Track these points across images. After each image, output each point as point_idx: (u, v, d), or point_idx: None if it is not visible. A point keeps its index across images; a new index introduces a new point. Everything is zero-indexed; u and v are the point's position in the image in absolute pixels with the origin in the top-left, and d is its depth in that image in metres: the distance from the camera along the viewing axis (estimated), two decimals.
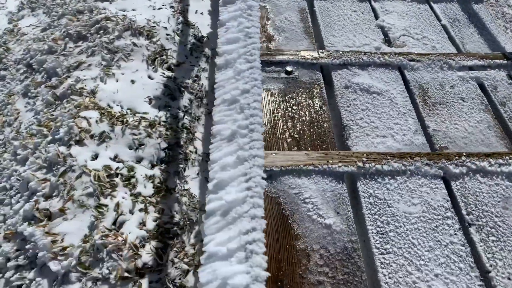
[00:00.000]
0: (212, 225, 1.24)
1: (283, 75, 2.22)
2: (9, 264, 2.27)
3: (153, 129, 2.99)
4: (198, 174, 3.01)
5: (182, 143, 3.10)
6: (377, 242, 1.65)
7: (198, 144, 3.21)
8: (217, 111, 1.46)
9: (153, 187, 2.70)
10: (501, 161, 1.95)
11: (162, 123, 3.08)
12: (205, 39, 3.99)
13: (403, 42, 2.58)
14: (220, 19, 1.86)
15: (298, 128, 2.02)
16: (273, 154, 1.83)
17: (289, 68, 2.22)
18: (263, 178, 1.32)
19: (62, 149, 2.65)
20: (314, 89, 2.19)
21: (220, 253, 1.20)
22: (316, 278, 1.53)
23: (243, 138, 1.38)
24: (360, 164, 1.85)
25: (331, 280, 1.53)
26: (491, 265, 1.64)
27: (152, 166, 2.85)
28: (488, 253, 1.68)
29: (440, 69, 2.40)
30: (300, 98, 2.14)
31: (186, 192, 2.82)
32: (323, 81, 2.24)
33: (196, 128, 3.32)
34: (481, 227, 1.75)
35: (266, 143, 1.90)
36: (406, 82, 2.32)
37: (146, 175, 2.72)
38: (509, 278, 1.62)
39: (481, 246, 1.70)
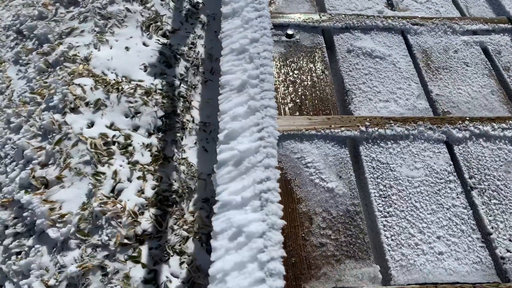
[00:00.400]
0: (225, 175, 1.21)
1: (283, 38, 2.16)
2: (7, 231, 2.25)
3: (149, 97, 2.93)
4: (195, 143, 2.97)
5: (178, 111, 3.05)
6: (380, 205, 1.65)
7: (195, 113, 3.16)
8: (225, 61, 1.39)
9: (151, 155, 2.67)
10: (504, 125, 1.93)
11: (158, 91, 3.02)
12: (201, 5, 3.86)
13: (406, 5, 2.51)
14: None
15: (299, 93, 1.97)
16: None
17: (290, 32, 2.15)
18: (276, 129, 1.28)
19: (57, 116, 2.60)
20: (315, 53, 2.14)
21: (234, 202, 1.16)
22: (319, 240, 1.52)
23: (254, 88, 1.32)
24: (363, 128, 1.82)
25: (334, 242, 1.53)
26: (492, 227, 1.65)
27: (149, 135, 2.81)
28: (490, 216, 1.68)
29: (443, 34, 2.34)
30: (301, 62, 2.09)
31: (184, 161, 2.80)
32: (324, 45, 2.18)
33: (193, 97, 3.25)
34: (483, 191, 1.75)
35: None
36: (409, 46, 2.27)
37: (143, 143, 2.69)
38: (510, 240, 1.62)
39: (483, 209, 1.70)
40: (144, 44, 3.25)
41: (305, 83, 2.01)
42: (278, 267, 1.04)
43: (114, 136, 2.61)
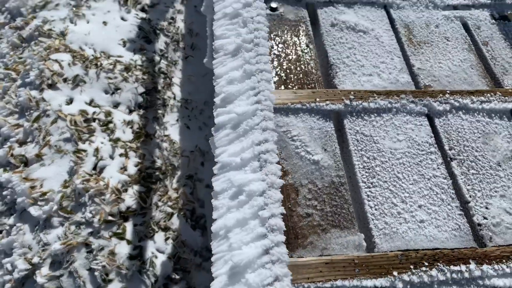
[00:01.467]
0: (223, 137, 1.21)
1: (268, 12, 2.13)
2: None
3: (129, 73, 2.87)
4: (177, 120, 2.95)
5: (159, 88, 3.00)
6: (364, 176, 1.68)
7: (176, 89, 3.12)
8: (218, 25, 1.37)
9: (132, 133, 2.63)
10: (482, 98, 1.98)
11: (138, 67, 2.96)
12: None
13: None
14: None
15: (284, 67, 1.97)
16: None
17: (273, 5, 2.13)
18: (272, 92, 1.28)
19: (34, 93, 2.52)
20: (299, 27, 2.12)
21: (234, 163, 1.17)
22: (305, 210, 1.55)
23: (249, 52, 1.32)
24: (347, 101, 1.84)
25: (320, 212, 1.56)
26: (470, 196, 1.71)
27: (130, 111, 2.76)
28: (468, 185, 1.74)
29: (425, 8, 2.36)
30: (286, 36, 2.07)
31: (166, 138, 2.77)
32: (308, 19, 2.16)
33: (174, 73, 3.20)
34: (462, 161, 1.80)
35: None
36: (391, 20, 2.28)
37: (124, 120, 2.64)
38: (486, 207, 1.69)
39: (461, 179, 1.75)
40: (122, 18, 3.16)
41: (290, 57, 2.01)
42: (279, 223, 1.07)
43: (94, 113, 2.56)
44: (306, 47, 2.05)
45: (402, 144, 1.80)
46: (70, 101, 2.60)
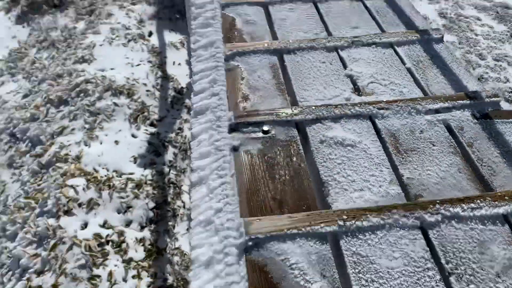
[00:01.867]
0: None
1: (260, 134, 2.31)
2: None
3: (140, 190, 3.05)
4: (187, 229, 3.07)
5: (169, 199, 3.17)
6: None
7: (185, 197, 3.27)
8: (194, 233, 1.56)
9: (144, 250, 2.75)
10: (473, 205, 2.04)
11: (148, 182, 3.15)
12: (185, 90, 4.09)
13: (371, 89, 2.70)
14: (192, 132, 2.02)
15: (279, 189, 2.10)
16: (257, 220, 1.90)
17: (265, 128, 2.31)
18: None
19: (51, 221, 2.69)
20: (291, 147, 2.28)
21: None
22: None
23: (219, 264, 1.48)
24: (341, 222, 1.93)
25: None
26: None
27: (142, 228, 2.90)
28: None
29: (408, 115, 2.51)
30: (278, 157, 2.23)
31: (177, 250, 2.87)
32: (299, 138, 2.33)
33: (183, 181, 3.39)
34: (461, 276, 1.83)
35: (250, 209, 1.98)
36: (377, 131, 2.42)
37: (136, 238, 2.78)
38: None
39: None
40: (133, 136, 3.41)
41: (284, 178, 2.14)
42: None
43: (107, 235, 2.70)
44: (298, 167, 2.19)
45: (398, 262, 1.86)
46: (84, 226, 2.75)
